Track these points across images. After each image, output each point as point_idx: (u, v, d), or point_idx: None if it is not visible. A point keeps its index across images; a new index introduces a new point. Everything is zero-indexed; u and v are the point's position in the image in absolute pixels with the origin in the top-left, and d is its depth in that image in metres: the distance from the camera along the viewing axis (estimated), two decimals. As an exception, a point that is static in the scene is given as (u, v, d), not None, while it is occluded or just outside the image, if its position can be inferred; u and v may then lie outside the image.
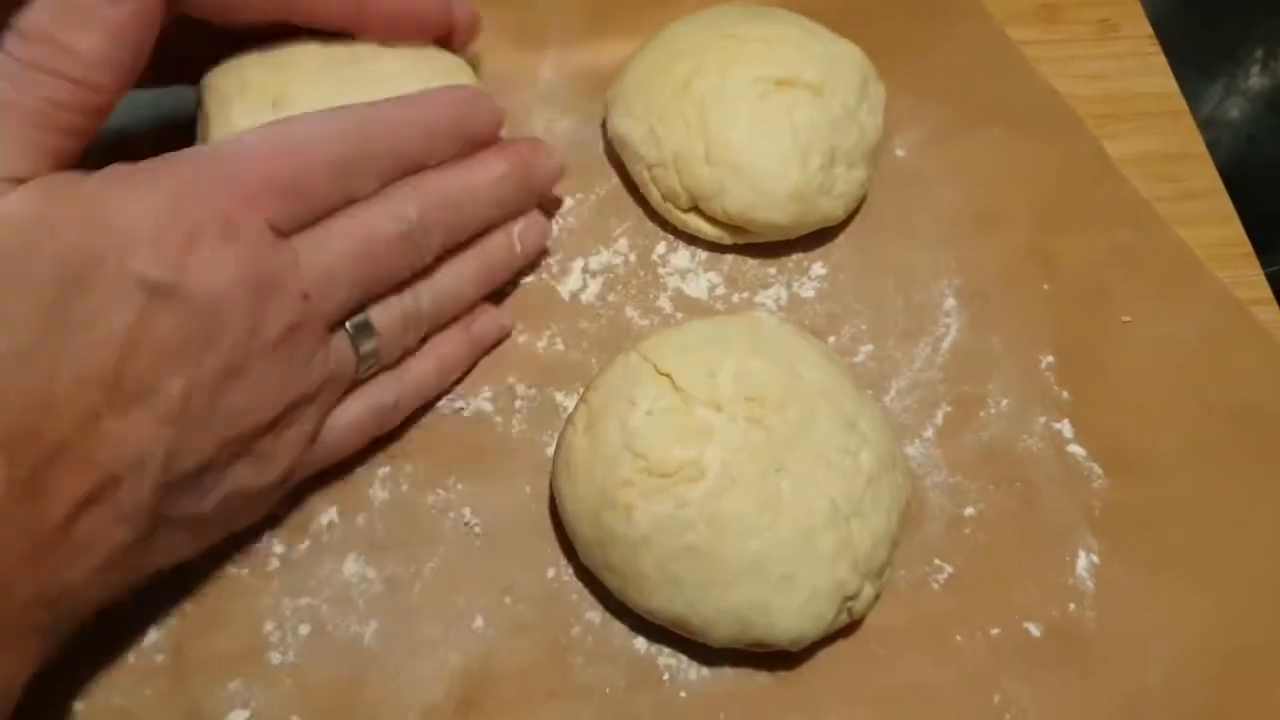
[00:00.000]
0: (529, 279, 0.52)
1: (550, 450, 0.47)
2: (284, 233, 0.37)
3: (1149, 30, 0.62)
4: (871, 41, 0.55)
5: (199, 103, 0.48)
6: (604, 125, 0.54)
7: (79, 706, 0.42)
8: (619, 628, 0.44)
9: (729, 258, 0.53)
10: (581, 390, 0.48)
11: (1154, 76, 0.60)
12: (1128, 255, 0.54)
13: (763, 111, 0.50)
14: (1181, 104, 0.59)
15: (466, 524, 0.46)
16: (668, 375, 0.44)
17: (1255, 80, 0.80)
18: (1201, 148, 0.58)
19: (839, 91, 0.51)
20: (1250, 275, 0.54)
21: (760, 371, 0.44)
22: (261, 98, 0.46)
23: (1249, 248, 0.55)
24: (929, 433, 0.49)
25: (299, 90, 0.47)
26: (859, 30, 0.55)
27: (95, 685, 0.42)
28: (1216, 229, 0.56)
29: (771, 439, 0.42)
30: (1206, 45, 0.81)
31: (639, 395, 0.43)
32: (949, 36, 0.60)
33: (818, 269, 0.53)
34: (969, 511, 0.48)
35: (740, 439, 0.42)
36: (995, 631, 0.45)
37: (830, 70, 0.51)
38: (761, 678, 0.44)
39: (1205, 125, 0.62)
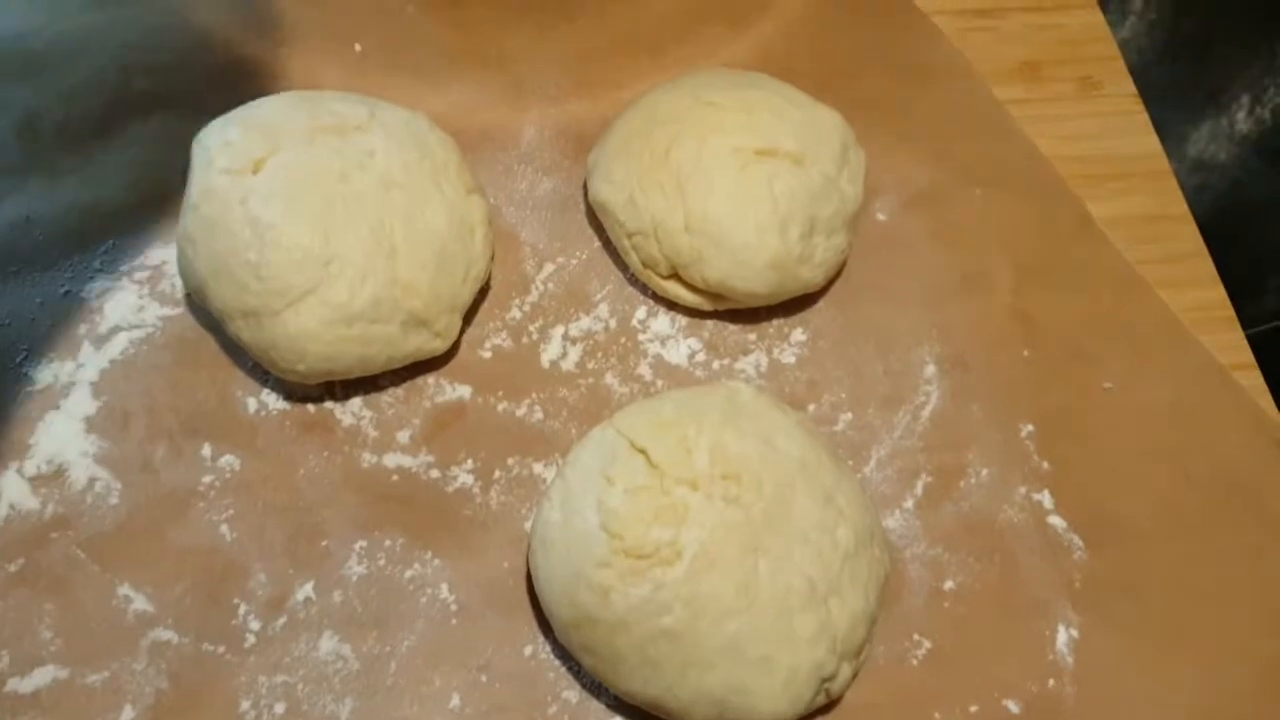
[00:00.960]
0: (509, 346, 0.52)
1: (528, 524, 0.47)
2: None
3: (1132, 88, 0.62)
4: (853, 102, 0.55)
5: (191, 159, 0.48)
6: (585, 188, 0.54)
7: (53, 788, 0.42)
8: (596, 706, 0.44)
9: (709, 323, 0.53)
10: (559, 461, 0.48)
11: (1137, 136, 0.60)
12: (1109, 319, 0.54)
13: (742, 181, 0.50)
14: (1164, 164, 0.59)
15: (443, 601, 0.46)
16: (643, 451, 0.43)
17: (1240, 125, 0.81)
18: (1184, 208, 0.58)
19: (819, 160, 0.51)
20: (1232, 339, 0.54)
21: (736, 446, 0.44)
22: (244, 160, 0.47)
23: (1231, 311, 0.55)
24: (909, 503, 0.49)
25: (282, 157, 0.47)
26: (841, 90, 0.55)
27: (70, 766, 0.42)
28: (1199, 292, 0.56)
29: (749, 518, 0.42)
30: (1191, 90, 0.81)
31: (615, 473, 0.43)
32: (932, 96, 0.60)
33: (798, 335, 0.53)
34: (949, 585, 0.47)
35: (717, 518, 0.42)
36: (974, 709, 0.45)
37: (810, 139, 0.51)
38: (739, 758, 0.43)
39: (1193, 169, 0.62)
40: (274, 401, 0.49)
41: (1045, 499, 0.49)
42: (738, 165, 0.50)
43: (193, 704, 0.43)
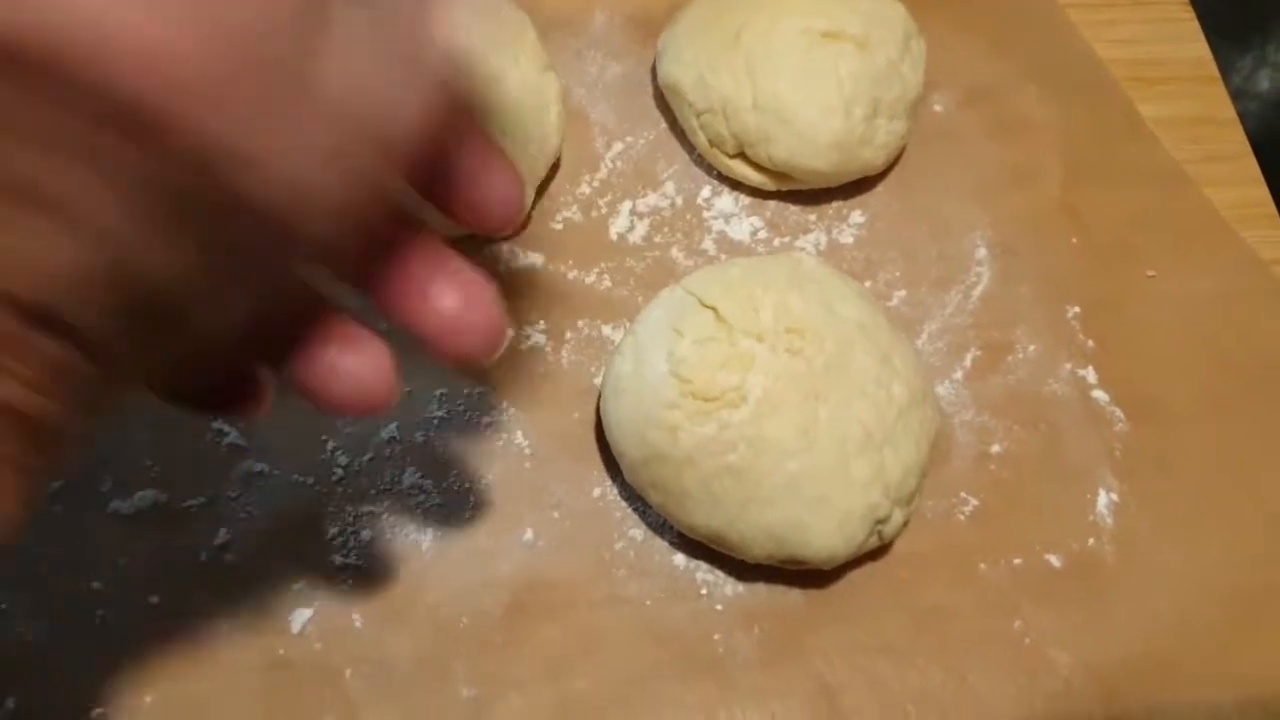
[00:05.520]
0: (579, 218, 0.54)
1: (598, 380, 0.50)
2: None
3: (1183, -3, 0.63)
4: (914, -1, 0.57)
5: None
6: (654, 71, 0.57)
7: (153, 599, 0.45)
8: (660, 544, 0.47)
9: (771, 203, 0.55)
10: (627, 324, 0.50)
11: (1187, 43, 0.62)
12: (1154, 213, 0.56)
13: (809, 62, 0.52)
14: (1213, 70, 0.61)
15: (518, 445, 0.49)
16: (712, 308, 0.46)
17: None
18: (1231, 113, 0.60)
19: (883, 46, 0.53)
20: (1273, 235, 0.56)
21: (800, 306, 0.46)
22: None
23: (1273, 209, 0.57)
24: (958, 374, 0.52)
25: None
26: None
27: (168, 583, 0.45)
28: (1242, 190, 0.57)
29: (810, 369, 0.45)
30: (1239, 18, 0.82)
31: (685, 326, 0.46)
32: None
33: (856, 216, 0.55)
34: (995, 449, 0.50)
35: (781, 368, 0.45)
36: (1017, 561, 0.48)
37: (875, 25, 0.53)
38: (793, 594, 0.46)
39: (1236, 96, 0.64)
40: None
41: (1089, 374, 0.52)
42: (805, 47, 0.52)
43: (283, 529, 0.46)
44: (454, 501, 0.47)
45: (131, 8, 0.21)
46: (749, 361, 0.45)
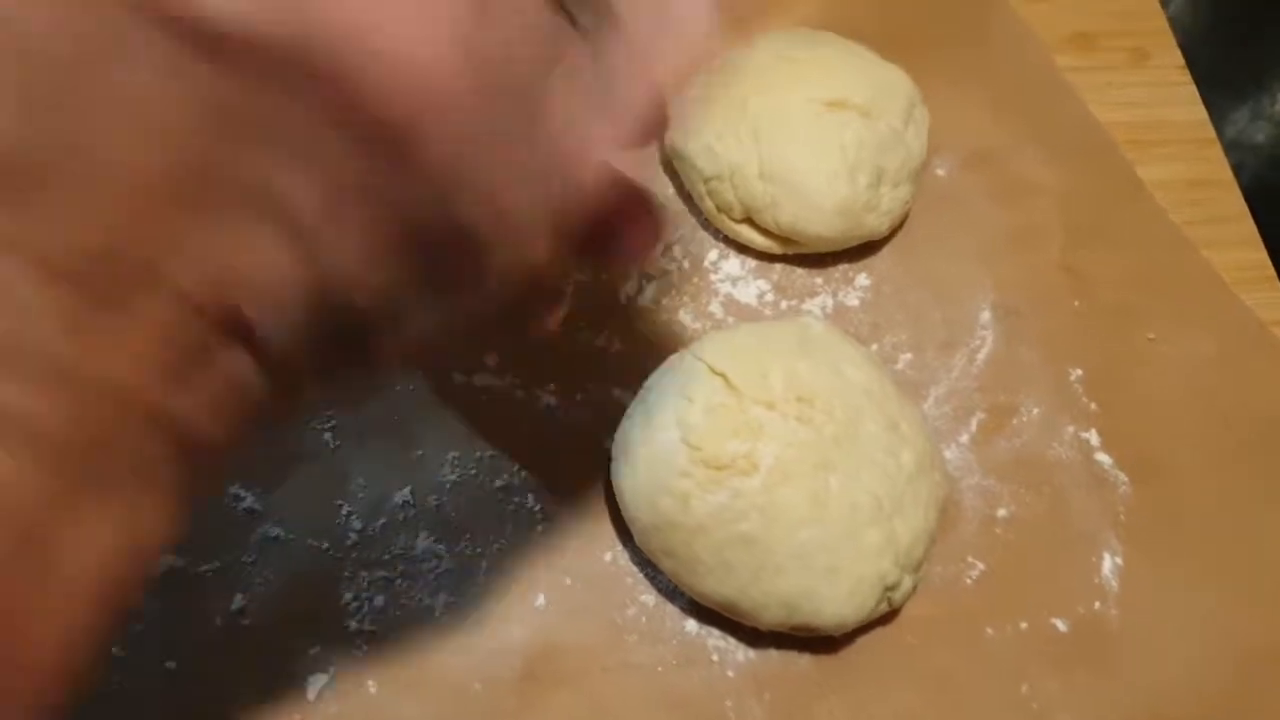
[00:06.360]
0: (589, 280, 0.55)
1: (608, 443, 0.50)
2: None
3: (1179, 60, 0.65)
4: (918, 63, 0.58)
5: None
6: (661, 138, 0.58)
7: (169, 665, 0.45)
8: (671, 610, 0.48)
9: (778, 267, 0.56)
10: (637, 386, 0.51)
11: (1184, 106, 0.63)
12: (1154, 275, 0.57)
13: (815, 131, 0.53)
14: (1210, 132, 0.62)
15: (529, 509, 0.49)
16: (722, 374, 0.47)
17: (1280, 106, 0.83)
18: (1229, 175, 0.61)
19: (887, 114, 0.54)
20: (1272, 298, 0.57)
21: (809, 373, 0.47)
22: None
23: (1272, 271, 0.58)
24: (964, 438, 0.52)
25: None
26: (904, 54, 0.58)
27: (185, 648, 0.45)
28: (1241, 253, 0.58)
29: (820, 438, 0.45)
30: (1234, 70, 0.84)
31: (695, 393, 0.46)
32: (992, 60, 0.62)
33: (862, 280, 0.56)
34: (1001, 513, 0.50)
35: (791, 436, 0.45)
36: (1024, 625, 0.48)
37: (879, 93, 0.55)
38: (804, 660, 0.47)
39: (1231, 148, 0.65)
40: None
41: (1092, 437, 0.52)
42: (811, 115, 0.53)
43: (299, 594, 0.47)
44: (466, 566, 0.48)
45: (403, 23, 0.21)
46: (759, 429, 0.45)
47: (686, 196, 0.57)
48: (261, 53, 0.21)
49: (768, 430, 0.45)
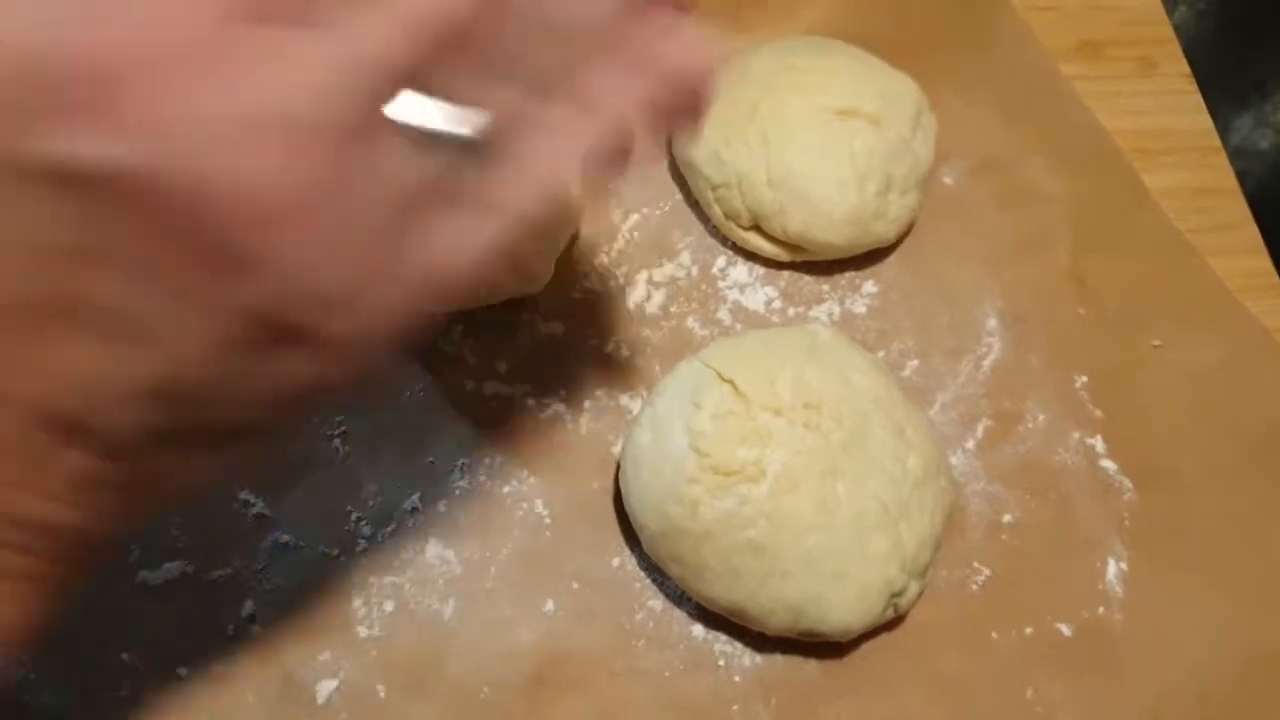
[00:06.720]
0: (598, 288, 0.55)
1: (616, 449, 0.51)
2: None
3: (1186, 69, 0.65)
4: (926, 70, 0.58)
5: None
6: (669, 145, 0.58)
7: (181, 671, 0.45)
8: (678, 615, 0.48)
9: (785, 274, 0.56)
10: (645, 393, 0.51)
11: (1190, 114, 0.63)
12: (1160, 283, 0.57)
13: (823, 139, 0.53)
14: (1215, 141, 0.63)
15: (538, 514, 0.49)
16: (730, 381, 0.47)
17: (1284, 115, 0.83)
18: (1233, 183, 0.61)
19: (895, 122, 0.55)
20: (1277, 305, 0.57)
21: (816, 380, 0.47)
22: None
23: (1276, 279, 0.58)
24: (970, 444, 0.53)
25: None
26: (912, 63, 0.58)
27: (196, 654, 0.46)
28: (1246, 260, 0.59)
29: (828, 444, 0.46)
30: (1239, 78, 0.84)
31: (703, 399, 0.47)
32: (1000, 69, 0.63)
33: (869, 287, 0.56)
34: (1006, 519, 0.51)
35: (799, 443, 0.46)
36: (1029, 630, 0.48)
37: (887, 102, 0.55)
38: (810, 665, 0.47)
39: (1235, 155, 0.65)
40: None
41: (1098, 444, 0.53)
42: (820, 124, 0.54)
43: (309, 600, 0.47)
44: (475, 571, 0.48)
45: (232, 153, 0.22)
46: (767, 436, 0.46)
47: (694, 204, 0.58)
48: (107, 185, 0.22)
49: (775, 437, 0.46)
